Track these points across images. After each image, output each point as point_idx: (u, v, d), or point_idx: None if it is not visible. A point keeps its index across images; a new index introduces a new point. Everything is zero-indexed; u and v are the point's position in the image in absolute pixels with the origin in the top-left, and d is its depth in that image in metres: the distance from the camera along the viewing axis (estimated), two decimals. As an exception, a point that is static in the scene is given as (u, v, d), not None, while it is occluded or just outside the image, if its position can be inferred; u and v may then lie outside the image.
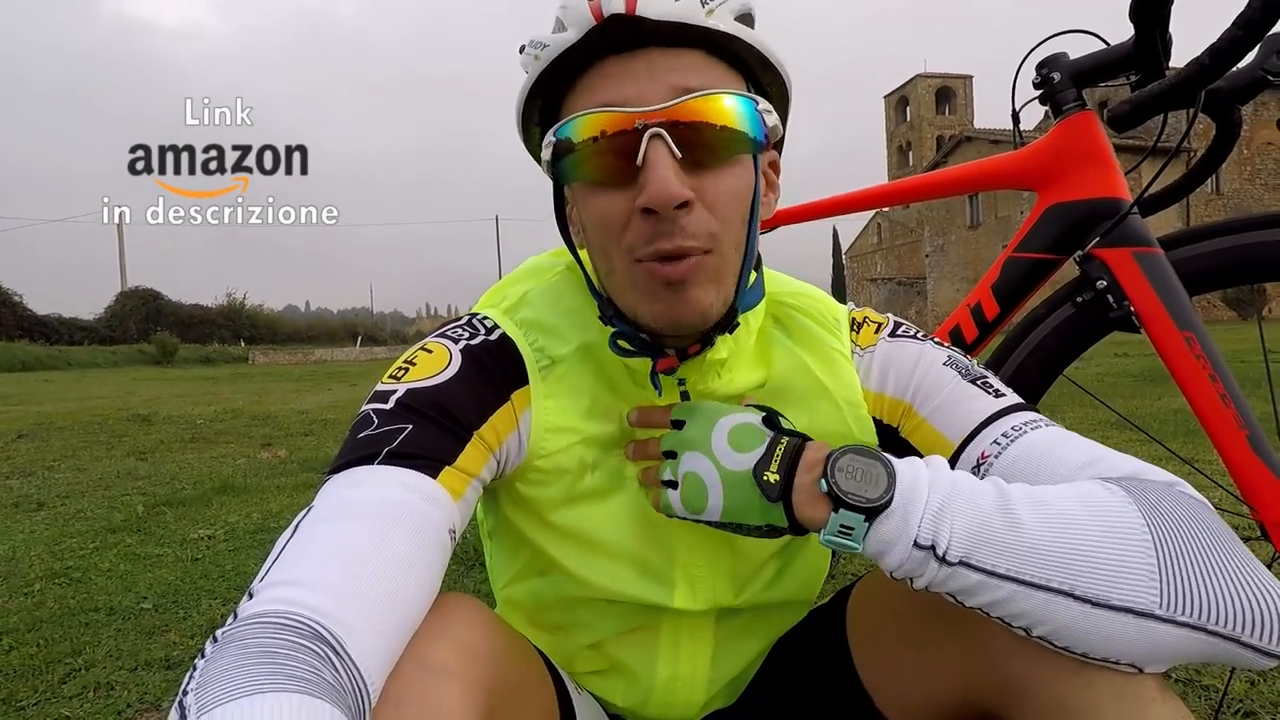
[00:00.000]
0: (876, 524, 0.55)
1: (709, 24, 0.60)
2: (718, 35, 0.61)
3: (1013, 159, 1.18)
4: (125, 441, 5.37)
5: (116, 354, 30.43)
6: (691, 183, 0.60)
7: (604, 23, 0.59)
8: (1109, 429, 4.04)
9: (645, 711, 0.82)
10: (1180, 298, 0.97)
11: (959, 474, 0.58)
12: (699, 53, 0.62)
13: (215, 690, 0.41)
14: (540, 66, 0.63)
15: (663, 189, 0.58)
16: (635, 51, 0.61)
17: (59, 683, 1.56)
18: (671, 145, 0.59)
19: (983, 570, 0.52)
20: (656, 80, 0.60)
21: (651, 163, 0.59)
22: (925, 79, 52.36)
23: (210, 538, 2.68)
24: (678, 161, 0.60)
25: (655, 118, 0.59)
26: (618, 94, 0.61)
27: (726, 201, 0.63)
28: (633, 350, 0.69)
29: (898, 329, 0.79)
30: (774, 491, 0.61)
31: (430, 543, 0.57)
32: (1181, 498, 0.56)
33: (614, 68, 0.61)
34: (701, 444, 0.66)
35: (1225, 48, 0.85)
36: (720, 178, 0.62)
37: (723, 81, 0.63)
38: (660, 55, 0.61)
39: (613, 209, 0.63)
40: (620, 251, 0.64)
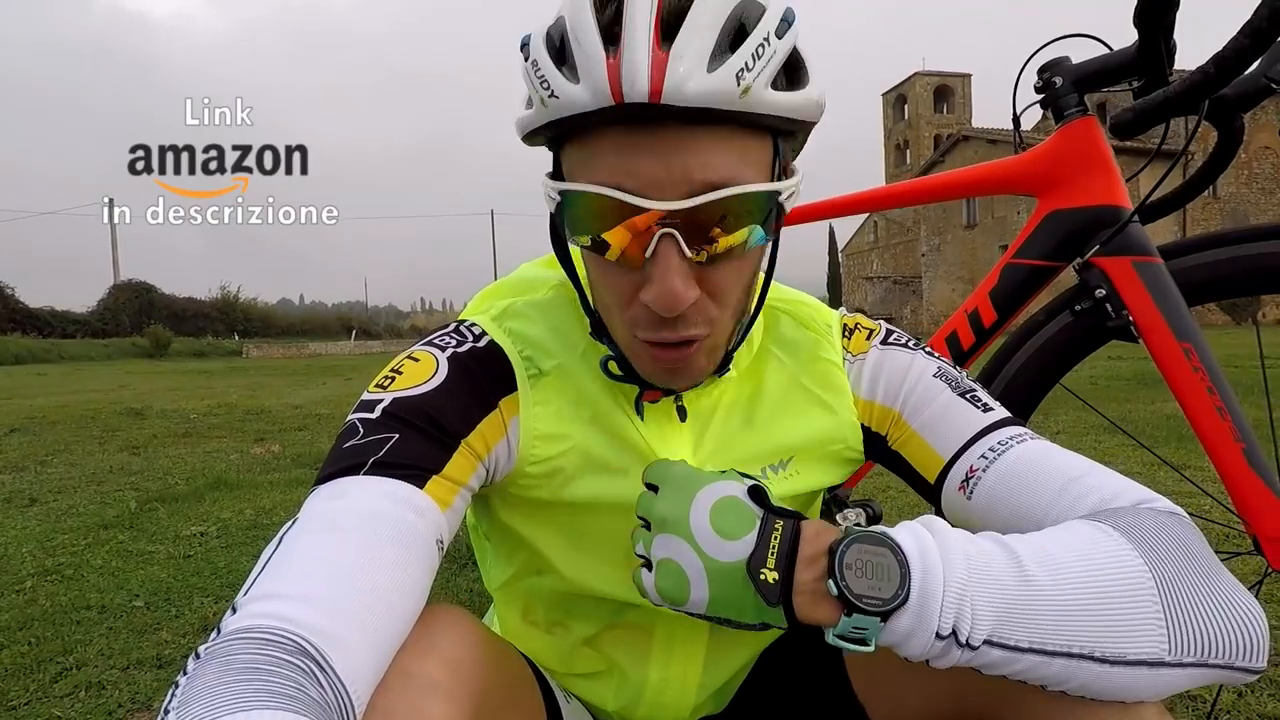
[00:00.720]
0: (892, 621, 0.51)
1: (742, 107, 0.53)
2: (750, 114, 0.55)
3: (1013, 164, 1.17)
4: (118, 436, 5.35)
5: (109, 347, 30.31)
6: (699, 274, 0.58)
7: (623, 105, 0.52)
8: (1101, 433, 4.05)
9: (635, 714, 0.81)
10: (1179, 308, 0.97)
11: (967, 542, 0.53)
12: (724, 128, 0.55)
13: (198, 708, 0.40)
14: (546, 116, 0.57)
15: (669, 295, 0.56)
16: (654, 128, 0.54)
17: (50, 682, 1.56)
18: (683, 246, 0.56)
19: (1006, 647, 0.50)
20: (674, 169, 0.54)
21: (660, 263, 0.56)
22: (923, 77, 52.39)
23: (203, 534, 2.67)
24: (686, 259, 0.56)
25: (669, 218, 0.55)
26: (630, 175, 0.55)
27: (730, 290, 0.61)
28: (622, 376, 0.69)
29: (889, 336, 0.78)
30: (774, 594, 0.55)
31: (417, 554, 0.56)
32: (1168, 523, 0.57)
33: (627, 141, 0.54)
34: (678, 526, 0.58)
35: (1231, 56, 0.84)
36: (729, 268, 0.60)
37: (747, 160, 0.57)
38: (682, 137, 0.54)
39: (619, 285, 0.60)
40: (624, 323, 0.63)
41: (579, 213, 0.58)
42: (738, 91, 0.53)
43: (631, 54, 0.51)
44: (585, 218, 0.58)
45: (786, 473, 0.75)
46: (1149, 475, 3.02)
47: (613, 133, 0.55)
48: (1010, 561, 0.52)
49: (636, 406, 0.71)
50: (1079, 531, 0.55)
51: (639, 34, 0.52)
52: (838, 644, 0.53)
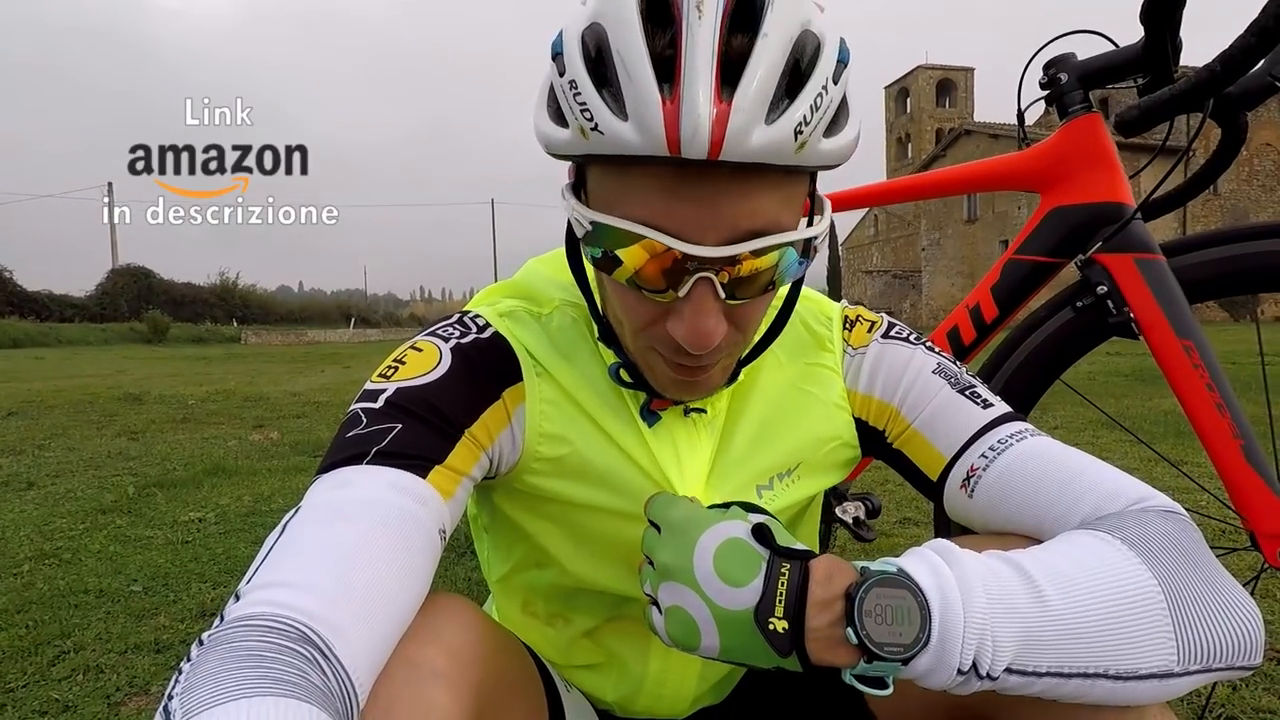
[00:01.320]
0: (913, 662, 0.50)
1: (797, 162, 0.52)
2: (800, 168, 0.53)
3: (1017, 160, 1.17)
4: (116, 421, 5.35)
5: (107, 332, 30.29)
6: (727, 311, 0.58)
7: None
8: (1099, 429, 4.06)
9: (635, 705, 0.82)
10: (1180, 305, 0.97)
11: (985, 572, 0.52)
12: (773, 175, 0.53)
13: (201, 695, 0.40)
14: (587, 149, 0.53)
15: (702, 335, 0.56)
16: (704, 174, 0.51)
17: (48, 665, 1.56)
18: (719, 288, 0.55)
19: (1025, 673, 0.50)
20: (721, 217, 0.52)
21: (695, 302, 0.55)
22: (926, 70, 52.17)
23: (201, 520, 2.67)
24: (720, 300, 0.56)
25: (709, 264, 0.53)
26: (672, 218, 0.52)
27: (754, 321, 0.63)
28: (630, 383, 0.69)
29: (890, 330, 0.78)
30: (784, 644, 0.52)
31: (419, 544, 0.56)
32: (1167, 530, 0.57)
33: (675, 183, 0.52)
34: (683, 574, 0.56)
35: (1238, 55, 0.84)
36: (755, 306, 0.61)
37: (788, 206, 0.56)
38: (731, 185, 0.52)
39: (641, 310, 0.59)
40: (639, 339, 0.63)
41: (609, 243, 0.55)
42: (794, 145, 0.50)
43: (692, 105, 0.47)
44: (615, 248, 0.55)
45: (791, 479, 0.76)
46: (1146, 471, 3.03)
47: (657, 172, 0.52)
48: (1027, 587, 0.51)
49: (644, 414, 0.71)
50: (1089, 547, 0.55)
51: (700, 80, 0.48)
52: (854, 684, 0.51)
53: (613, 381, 0.70)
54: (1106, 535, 0.55)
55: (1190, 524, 0.58)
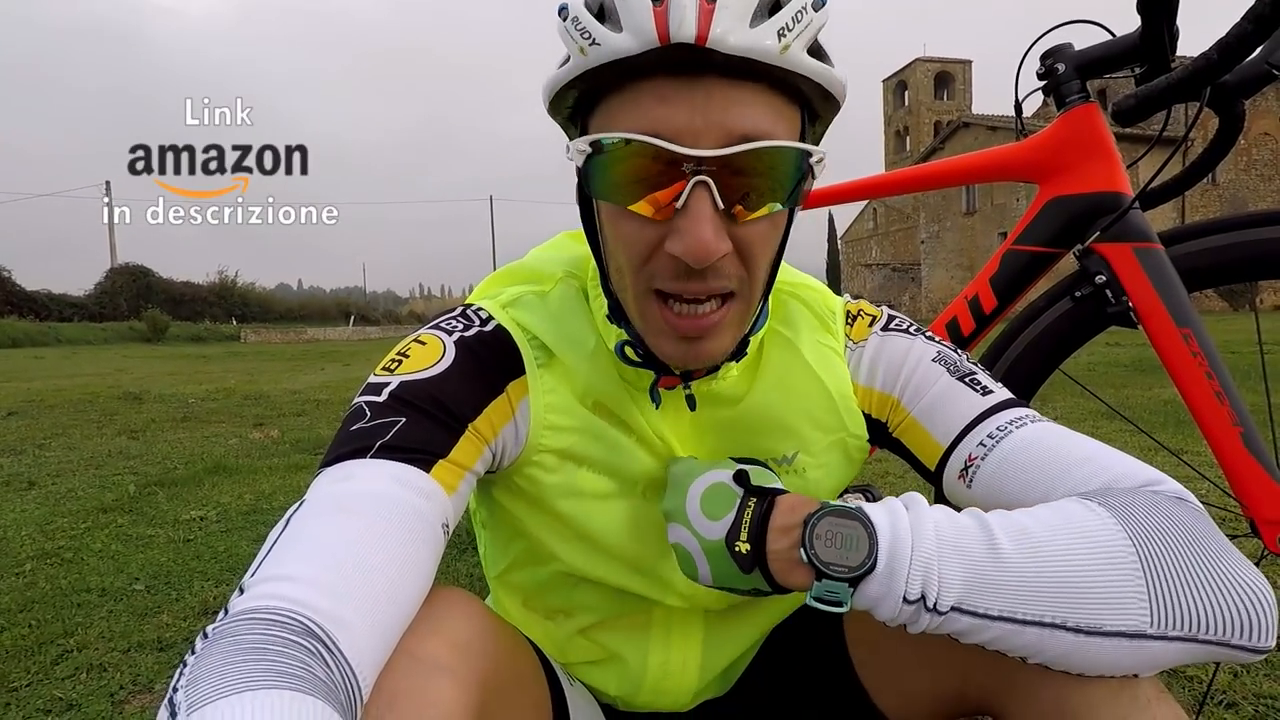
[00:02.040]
0: (862, 586, 0.54)
1: (781, 63, 0.55)
2: (786, 73, 0.56)
3: (1015, 150, 1.17)
4: (116, 420, 5.35)
5: (107, 331, 30.30)
6: (729, 229, 0.58)
7: (668, 47, 0.53)
8: (1099, 419, 4.07)
9: (637, 700, 0.82)
10: (1179, 294, 0.97)
11: (941, 514, 0.56)
12: (761, 86, 0.56)
13: (205, 687, 0.40)
14: (587, 64, 0.57)
15: (702, 245, 0.56)
16: (694, 77, 0.55)
17: (51, 664, 1.57)
18: (716, 196, 0.56)
19: (975, 614, 0.52)
20: (712, 118, 0.55)
21: (693, 212, 0.56)
22: (924, 63, 52.02)
23: (202, 519, 2.68)
24: (719, 211, 0.57)
25: (705, 164, 0.55)
26: (667, 123, 0.55)
27: (760, 249, 0.61)
28: (638, 361, 0.69)
29: (890, 322, 0.78)
30: (746, 563, 0.60)
31: (423, 537, 0.56)
32: (1164, 503, 0.56)
33: (669, 89, 0.55)
34: (679, 514, 0.66)
35: (1234, 43, 0.84)
36: (758, 227, 0.60)
37: (780, 122, 0.58)
38: (721, 88, 0.55)
39: (640, 238, 0.60)
40: (638, 279, 0.62)
41: (610, 163, 0.58)
42: (778, 48, 0.54)
43: (680, 4, 0.52)
44: (616, 168, 0.58)
45: (794, 466, 0.75)
46: (1146, 460, 2.98)
47: (651, 83, 0.56)
48: (982, 534, 0.54)
49: (652, 394, 0.71)
50: (1063, 508, 0.56)
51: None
52: (815, 605, 0.56)
53: (619, 360, 0.69)
54: (1089, 502, 0.56)
55: (1200, 510, 0.57)
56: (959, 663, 0.63)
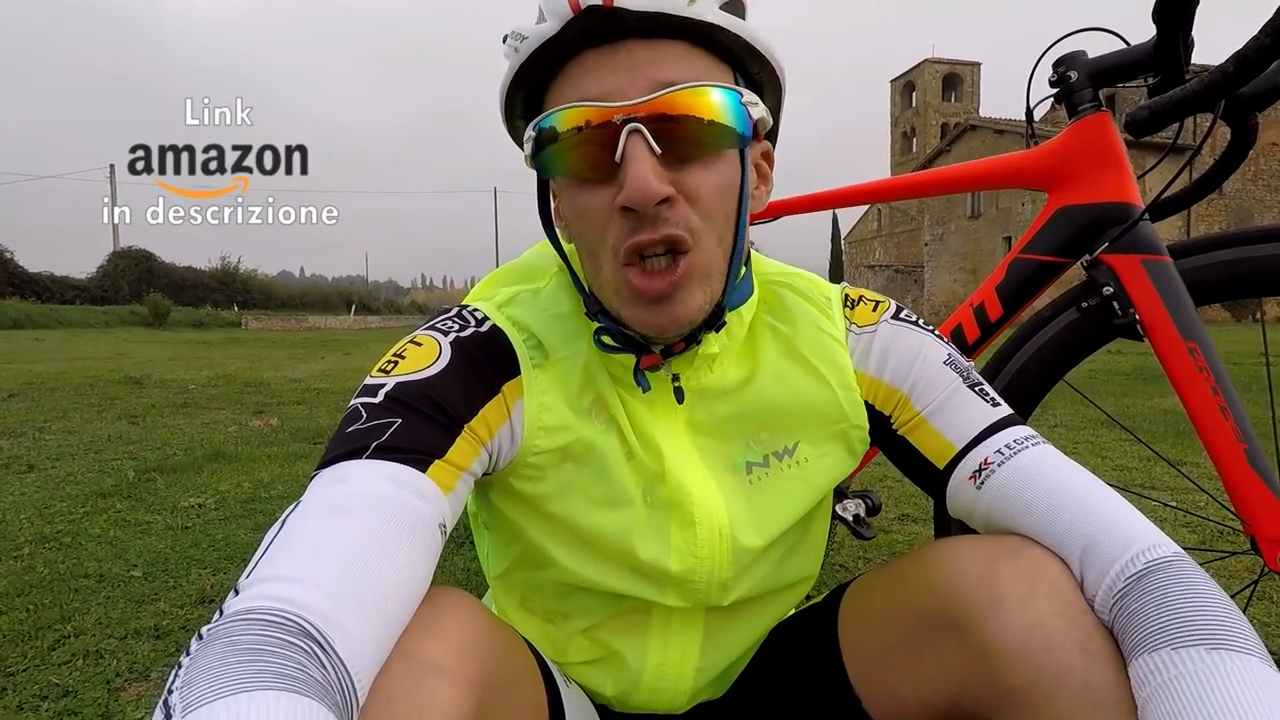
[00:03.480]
0: None
1: (690, 14, 0.58)
2: (700, 25, 0.59)
3: (1024, 158, 1.16)
4: (117, 404, 5.35)
5: (108, 314, 30.31)
6: (672, 177, 0.60)
7: (582, 14, 0.57)
8: (1099, 428, 4.06)
9: (634, 700, 0.82)
10: (1186, 307, 0.97)
11: None
12: (681, 43, 0.61)
13: (200, 688, 0.40)
14: (519, 59, 0.62)
15: (640, 186, 0.58)
16: (615, 44, 0.60)
17: (48, 649, 1.56)
18: (650, 141, 0.58)
19: None
20: (636, 73, 0.59)
21: (630, 159, 0.58)
22: (933, 64, 51.89)
23: (201, 506, 2.67)
24: (657, 157, 0.59)
25: (633, 112, 0.58)
26: (597, 88, 0.60)
27: (710, 196, 0.62)
28: (616, 346, 0.69)
29: (899, 313, 0.78)
30: None
31: (419, 537, 0.56)
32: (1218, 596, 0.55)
33: (593, 61, 0.60)
34: None
35: (1252, 55, 0.83)
36: (703, 172, 0.62)
37: (707, 74, 0.61)
38: (640, 47, 0.60)
39: (594, 205, 0.62)
40: (606, 251, 0.64)
41: (552, 138, 0.62)
42: (685, 0, 0.58)
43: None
44: (558, 142, 0.61)
45: (794, 459, 0.75)
46: (1146, 471, 3.03)
47: (579, 60, 0.61)
48: None
49: (637, 378, 0.70)
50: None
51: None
52: None
53: (600, 350, 0.70)
54: (1248, 655, 0.50)
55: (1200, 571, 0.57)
56: (953, 673, 0.63)
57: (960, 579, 0.62)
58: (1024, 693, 0.56)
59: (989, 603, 0.59)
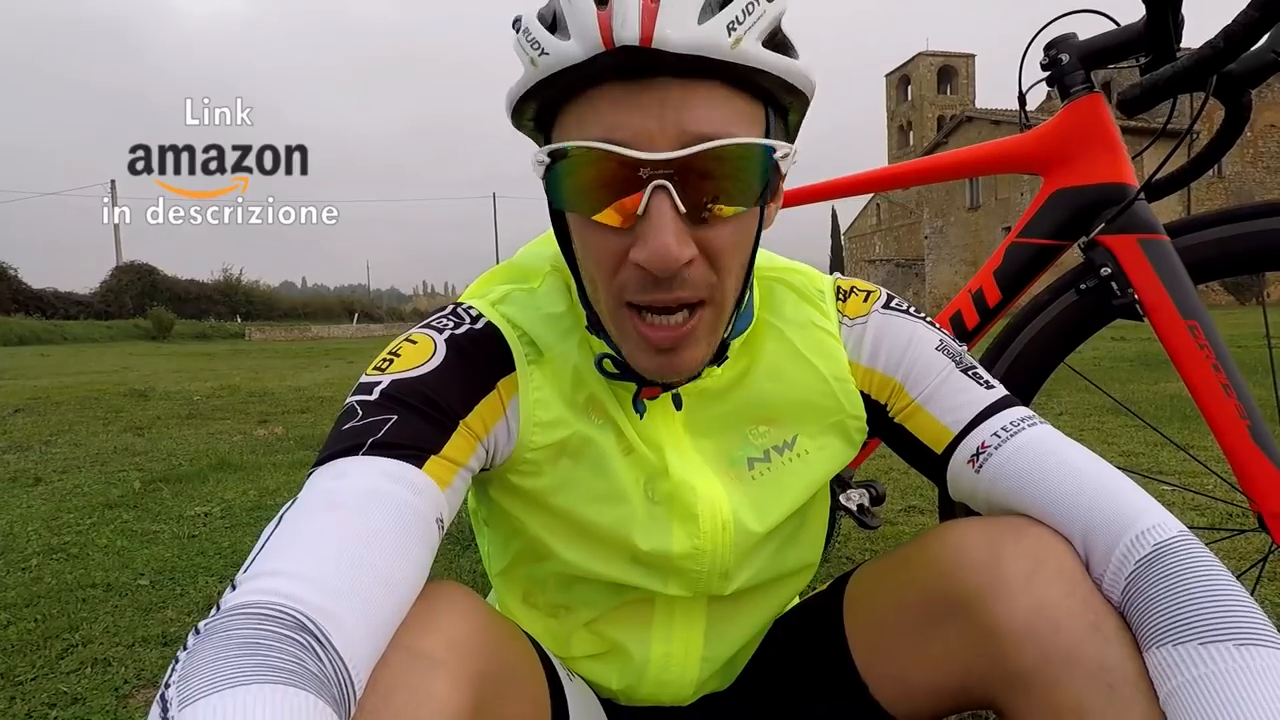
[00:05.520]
0: None
1: (733, 58, 0.53)
2: (742, 69, 0.55)
3: (1018, 142, 1.16)
4: (122, 417, 5.36)
5: (113, 329, 30.44)
6: (694, 234, 0.57)
7: (615, 51, 0.52)
8: (1104, 414, 4.05)
9: (639, 693, 0.82)
10: (1185, 286, 0.96)
11: None
12: (717, 85, 0.55)
13: (197, 683, 0.40)
14: (538, 75, 0.57)
15: (663, 252, 0.55)
16: (647, 80, 0.54)
17: (56, 658, 1.57)
18: (676, 200, 0.55)
19: None
20: (667, 120, 0.54)
21: (653, 218, 0.55)
22: (927, 57, 51.79)
23: (207, 515, 2.68)
24: (681, 216, 0.55)
25: (662, 168, 0.54)
26: (622, 129, 0.54)
27: (730, 253, 0.60)
28: (617, 374, 0.69)
29: (890, 302, 0.78)
30: None
31: (416, 532, 0.56)
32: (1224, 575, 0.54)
33: (621, 94, 0.54)
34: None
35: (1240, 30, 0.83)
36: (727, 230, 0.58)
37: (740, 119, 0.56)
38: (674, 89, 0.54)
39: (606, 249, 0.59)
40: (610, 292, 0.61)
41: (568, 173, 0.58)
42: (729, 42, 0.53)
43: (623, 5, 0.52)
44: (575, 177, 0.57)
45: (794, 453, 0.75)
46: (1152, 455, 3.02)
47: (604, 89, 0.55)
48: None
49: (635, 405, 0.71)
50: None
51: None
52: None
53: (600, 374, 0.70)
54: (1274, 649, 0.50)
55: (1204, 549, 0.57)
56: (960, 657, 0.62)
57: (964, 562, 0.62)
58: (1032, 674, 0.56)
59: (994, 584, 0.59)
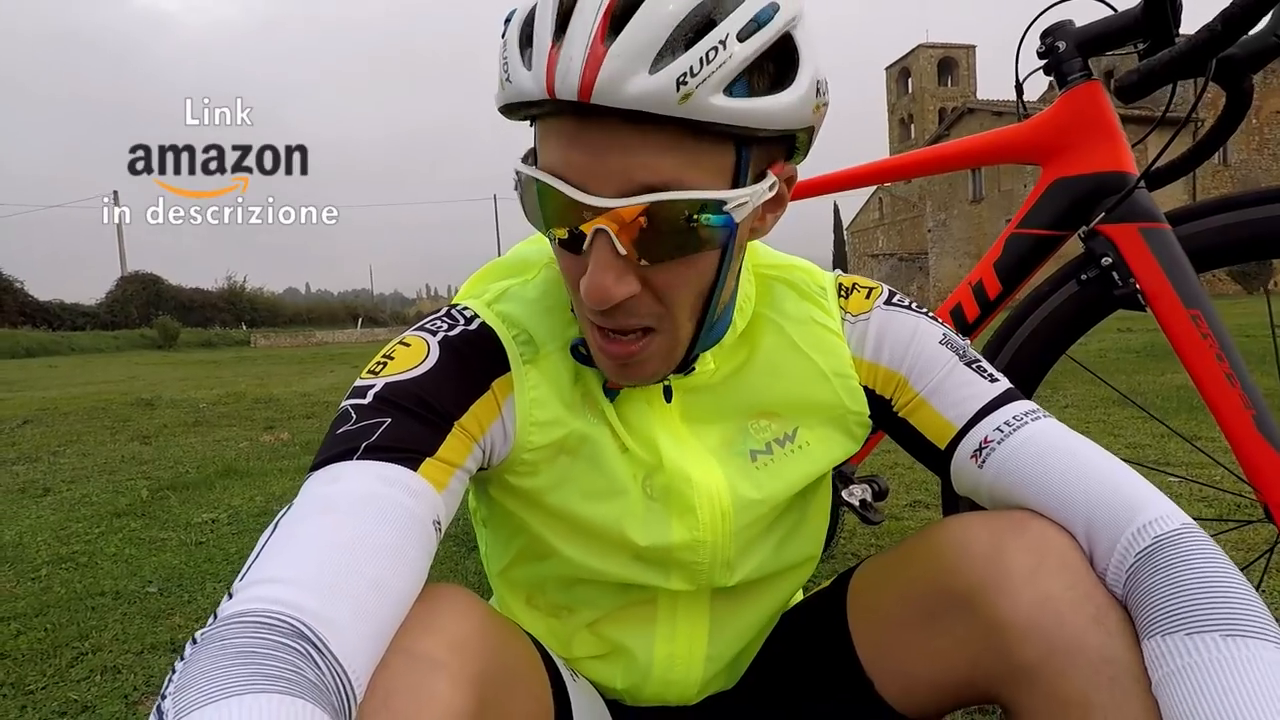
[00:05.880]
0: None
1: (683, 114, 0.50)
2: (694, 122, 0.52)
3: (1017, 132, 1.15)
4: (129, 426, 5.39)
5: (119, 339, 30.62)
6: (641, 272, 0.57)
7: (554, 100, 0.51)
8: (1110, 406, 4.03)
9: (644, 693, 0.81)
10: (1187, 274, 0.96)
11: None
12: (672, 129, 0.52)
13: (194, 693, 0.40)
14: (503, 99, 0.57)
15: (598, 291, 0.56)
16: (597, 121, 0.52)
17: (66, 666, 1.58)
18: (616, 244, 0.55)
19: None
20: (612, 166, 0.53)
21: (593, 257, 0.56)
22: (927, 49, 51.64)
23: (214, 521, 2.69)
24: (623, 257, 0.56)
25: (600, 219, 0.54)
26: (569, 165, 0.54)
27: (675, 290, 0.60)
28: (587, 358, 0.70)
29: (892, 298, 0.78)
30: None
31: (413, 536, 0.56)
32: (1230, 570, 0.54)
33: (574, 130, 0.53)
34: None
35: (1239, 13, 0.82)
36: (677, 269, 0.58)
37: (694, 167, 0.54)
38: (623, 133, 0.52)
39: (568, 268, 0.61)
40: (575, 299, 0.64)
41: (528, 193, 0.59)
42: (676, 97, 0.49)
43: (569, 48, 0.50)
44: (532, 199, 0.58)
45: (795, 445, 0.75)
46: (1159, 447, 3.00)
47: (560, 121, 0.54)
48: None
49: (606, 392, 0.71)
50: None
51: (582, 26, 0.50)
52: None
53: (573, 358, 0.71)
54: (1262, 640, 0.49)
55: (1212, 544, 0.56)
56: (964, 651, 0.62)
57: (967, 556, 0.62)
58: (1036, 667, 0.56)
59: (997, 578, 0.58)
